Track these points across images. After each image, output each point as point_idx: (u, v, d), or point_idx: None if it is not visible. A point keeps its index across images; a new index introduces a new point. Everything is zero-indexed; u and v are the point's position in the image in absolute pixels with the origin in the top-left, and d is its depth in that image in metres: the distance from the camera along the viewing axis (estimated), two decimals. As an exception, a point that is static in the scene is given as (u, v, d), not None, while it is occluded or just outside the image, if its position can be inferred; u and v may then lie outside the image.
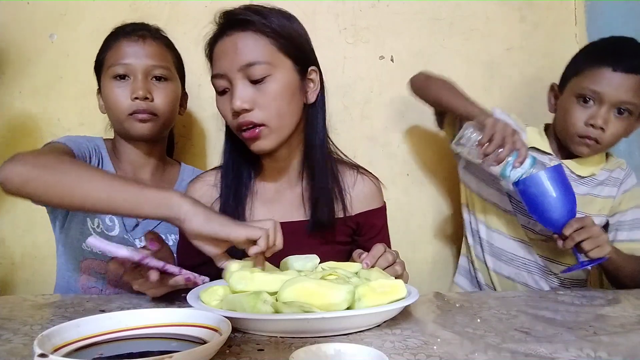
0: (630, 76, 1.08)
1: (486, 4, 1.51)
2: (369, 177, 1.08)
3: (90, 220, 1.08)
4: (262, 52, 0.91)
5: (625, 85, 1.08)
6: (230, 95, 0.93)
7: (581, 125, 1.12)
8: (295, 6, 1.43)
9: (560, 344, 0.63)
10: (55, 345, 0.55)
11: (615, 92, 1.09)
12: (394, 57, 1.51)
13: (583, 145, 1.14)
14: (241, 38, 0.92)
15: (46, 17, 1.47)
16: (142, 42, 1.08)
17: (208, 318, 0.61)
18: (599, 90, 1.09)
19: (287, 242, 0.99)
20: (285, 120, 0.95)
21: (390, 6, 1.50)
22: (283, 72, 0.93)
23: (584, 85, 1.12)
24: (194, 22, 1.47)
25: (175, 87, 1.12)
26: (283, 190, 1.05)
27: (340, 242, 1.04)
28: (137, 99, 1.05)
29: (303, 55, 0.98)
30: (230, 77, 0.92)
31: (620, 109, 1.10)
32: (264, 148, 0.95)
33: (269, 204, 1.04)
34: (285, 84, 0.93)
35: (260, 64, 0.90)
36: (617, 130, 1.11)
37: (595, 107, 1.11)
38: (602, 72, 1.10)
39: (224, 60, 0.92)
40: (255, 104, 0.91)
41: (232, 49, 0.92)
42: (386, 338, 0.65)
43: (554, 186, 1.03)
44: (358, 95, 1.50)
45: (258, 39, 0.92)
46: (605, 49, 1.14)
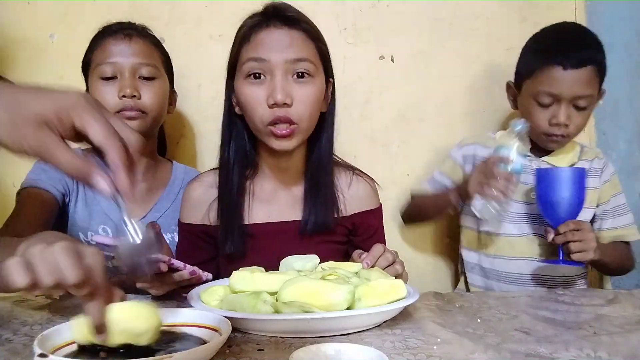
0: (581, 70, 1.11)
1: (486, 4, 1.51)
2: (364, 178, 1.09)
3: (83, 234, 1.08)
4: (310, 52, 0.95)
5: (578, 81, 1.11)
6: (267, 84, 0.92)
7: (545, 125, 1.16)
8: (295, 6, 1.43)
9: (560, 344, 0.63)
10: (55, 345, 0.55)
11: (570, 90, 1.11)
12: (394, 57, 1.51)
13: (551, 142, 1.19)
14: (293, 34, 0.94)
15: (46, 17, 1.47)
16: (128, 40, 1.07)
17: (208, 318, 0.62)
18: (555, 92, 1.12)
19: (283, 241, 1.01)
20: (311, 124, 0.97)
21: (390, 6, 1.50)
22: (320, 77, 0.97)
23: (539, 88, 1.14)
24: (194, 22, 1.47)
25: (163, 85, 1.12)
26: (280, 190, 1.05)
27: (335, 242, 1.05)
28: (124, 97, 1.04)
29: (329, 64, 1.01)
30: (274, 67, 0.92)
31: (578, 103, 1.13)
32: (288, 148, 0.95)
33: (266, 204, 1.04)
34: (320, 89, 0.96)
35: (308, 61, 0.93)
36: (580, 121, 1.16)
37: (555, 106, 1.14)
38: (554, 73, 1.12)
39: (270, 49, 0.92)
40: (294, 101, 0.92)
41: (282, 40, 0.93)
42: (386, 338, 0.65)
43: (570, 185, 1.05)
44: (358, 95, 1.50)
45: (307, 40, 0.95)
46: (552, 47, 1.15)
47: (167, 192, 1.18)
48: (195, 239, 1.05)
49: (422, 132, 1.51)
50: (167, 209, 1.16)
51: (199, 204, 1.04)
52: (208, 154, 1.47)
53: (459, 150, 1.31)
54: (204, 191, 1.05)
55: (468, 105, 1.51)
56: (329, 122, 1.03)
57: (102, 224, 1.10)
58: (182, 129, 1.48)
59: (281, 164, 1.04)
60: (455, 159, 1.31)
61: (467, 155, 1.29)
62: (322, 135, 1.02)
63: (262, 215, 1.03)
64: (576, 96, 1.12)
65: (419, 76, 1.51)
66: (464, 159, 1.30)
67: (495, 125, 1.50)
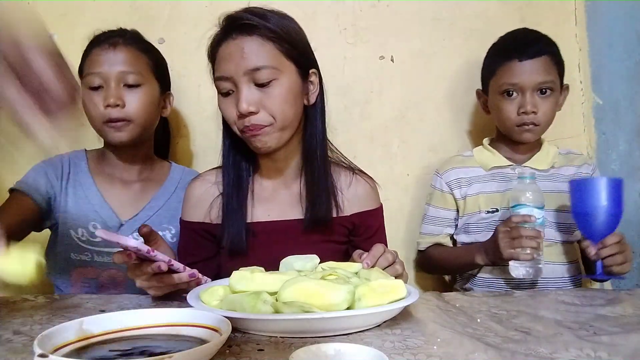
0: (536, 59, 1.20)
1: (486, 4, 1.51)
2: (364, 178, 1.09)
3: (74, 231, 1.10)
4: (268, 56, 0.94)
5: (536, 69, 1.19)
6: (234, 98, 0.95)
7: (514, 116, 1.22)
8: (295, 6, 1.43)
9: (560, 344, 0.63)
10: (55, 345, 0.55)
11: (530, 78, 1.19)
12: (394, 57, 1.51)
13: (524, 132, 1.23)
14: (247, 42, 0.94)
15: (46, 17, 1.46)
16: (113, 49, 1.09)
17: (208, 318, 0.61)
18: (516, 82, 1.20)
19: (283, 240, 1.01)
20: (289, 122, 0.97)
21: (390, 6, 1.50)
22: (287, 76, 0.95)
23: (502, 82, 1.23)
24: (194, 22, 1.47)
25: (150, 90, 1.13)
26: (280, 189, 1.06)
27: (335, 241, 1.05)
28: (109, 107, 1.06)
29: (305, 58, 1.00)
30: (236, 80, 0.94)
31: (541, 89, 1.20)
32: (267, 148, 0.97)
33: (266, 202, 1.05)
34: (289, 88, 0.95)
35: (267, 68, 0.93)
36: (547, 107, 1.21)
37: (520, 96, 1.21)
38: (512, 65, 1.21)
39: (230, 64, 0.94)
40: (261, 107, 0.94)
41: (238, 52, 0.93)
42: (386, 338, 0.65)
43: (608, 195, 1.03)
44: (358, 95, 1.50)
45: (264, 44, 0.94)
46: (508, 45, 1.25)
47: (162, 191, 1.19)
48: (196, 237, 1.06)
49: (422, 132, 1.51)
50: (159, 208, 1.17)
51: (200, 203, 1.05)
52: (208, 153, 1.47)
53: (440, 178, 1.34)
54: (205, 190, 1.06)
55: (468, 105, 1.51)
56: (317, 115, 1.02)
57: (92, 221, 1.11)
58: (182, 129, 1.48)
59: (278, 164, 1.05)
60: (441, 189, 1.33)
61: (451, 182, 1.31)
62: (311, 129, 1.02)
63: (263, 214, 1.04)
64: (537, 82, 1.19)
65: (419, 76, 1.51)
66: (449, 186, 1.32)
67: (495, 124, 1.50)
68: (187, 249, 1.06)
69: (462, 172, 1.31)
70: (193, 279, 0.82)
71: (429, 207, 1.36)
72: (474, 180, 1.29)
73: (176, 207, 1.14)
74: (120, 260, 0.78)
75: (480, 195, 1.28)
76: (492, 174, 1.29)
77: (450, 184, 1.31)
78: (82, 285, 1.10)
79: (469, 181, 1.29)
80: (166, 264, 0.78)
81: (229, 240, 0.99)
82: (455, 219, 1.33)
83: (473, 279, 1.28)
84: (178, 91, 1.47)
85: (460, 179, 1.30)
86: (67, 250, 1.10)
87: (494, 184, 1.28)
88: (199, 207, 1.05)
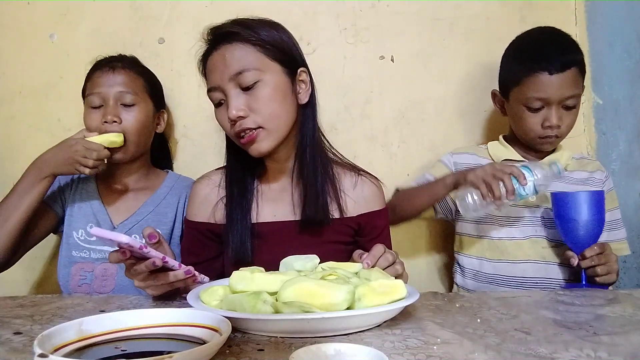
0: (565, 73, 1.15)
1: (486, 4, 1.51)
2: (369, 179, 1.09)
3: (75, 232, 1.21)
4: (249, 59, 0.95)
5: (564, 83, 1.16)
6: (226, 106, 0.97)
7: (538, 129, 1.20)
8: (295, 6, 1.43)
9: (560, 344, 0.63)
10: (55, 345, 0.55)
11: (558, 93, 1.16)
12: (394, 57, 1.51)
13: (546, 144, 1.23)
14: (229, 50, 0.96)
15: (46, 17, 1.47)
16: (112, 72, 1.21)
17: (208, 318, 0.61)
18: (544, 97, 1.17)
19: (289, 241, 1.01)
20: (280, 122, 0.97)
21: (390, 6, 1.50)
22: (272, 76, 0.96)
23: (528, 95, 1.18)
24: (194, 22, 1.47)
25: (144, 109, 1.23)
26: (286, 190, 1.06)
27: (338, 242, 1.05)
28: (106, 123, 1.17)
29: (290, 57, 1.00)
30: (224, 88, 0.96)
31: (567, 104, 1.18)
32: (262, 150, 0.97)
33: (272, 204, 1.05)
34: (275, 87, 0.96)
35: (249, 70, 0.94)
36: (570, 120, 1.20)
37: (545, 110, 1.18)
38: (541, 79, 1.16)
39: (216, 73, 0.97)
40: (250, 110, 0.95)
41: (221, 61, 0.96)
42: (386, 338, 0.65)
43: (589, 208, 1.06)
44: (358, 95, 1.50)
45: (244, 48, 0.96)
46: (535, 54, 1.19)
47: (152, 198, 1.26)
48: (200, 237, 1.06)
49: (422, 132, 1.51)
50: (149, 213, 1.24)
51: (205, 203, 1.06)
52: (208, 153, 1.47)
53: (452, 157, 1.34)
54: (210, 190, 1.07)
55: (468, 105, 1.51)
56: (308, 114, 1.03)
57: (90, 223, 1.22)
58: (182, 129, 1.48)
59: (279, 164, 1.05)
60: (447, 165, 1.33)
61: (460, 163, 1.31)
62: (302, 129, 1.02)
63: (269, 214, 1.04)
64: (564, 97, 1.16)
65: (419, 76, 1.51)
66: (455, 165, 1.32)
67: (495, 124, 1.50)
68: (191, 249, 1.07)
69: (473, 159, 1.31)
70: (189, 276, 0.82)
71: (426, 174, 1.33)
72: None
73: (165, 212, 1.24)
74: (116, 258, 0.79)
75: None
76: None
77: (458, 164, 1.31)
78: (80, 277, 1.19)
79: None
80: (160, 260, 0.78)
81: (233, 249, 1.00)
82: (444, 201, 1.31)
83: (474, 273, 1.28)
84: (178, 91, 1.47)
85: (470, 164, 1.28)
86: (70, 248, 1.21)
87: None
88: (203, 208, 1.06)
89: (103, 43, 1.44)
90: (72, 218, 1.22)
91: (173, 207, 1.24)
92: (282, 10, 1.36)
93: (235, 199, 1.02)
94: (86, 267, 1.19)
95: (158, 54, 1.47)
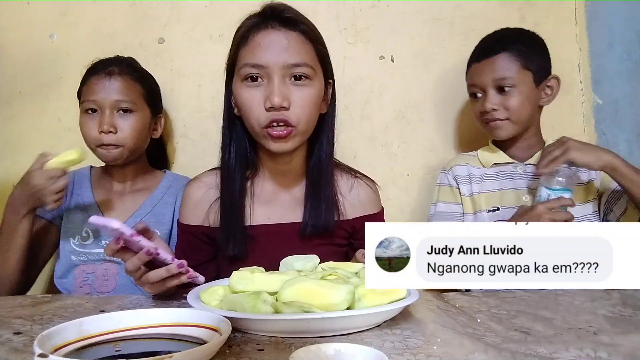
0: (492, 58, 1.22)
1: (486, 4, 1.51)
2: (365, 181, 1.09)
3: (72, 238, 1.21)
4: (308, 56, 0.94)
5: (493, 67, 1.21)
6: (264, 88, 0.93)
7: (478, 115, 1.26)
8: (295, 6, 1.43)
9: (560, 344, 0.63)
10: (55, 345, 0.55)
11: (487, 76, 1.22)
12: (394, 57, 1.51)
13: (494, 130, 1.24)
14: (291, 37, 0.93)
15: (46, 17, 1.47)
16: (108, 78, 1.18)
17: (208, 318, 0.61)
18: (476, 82, 1.24)
19: (282, 243, 1.00)
20: (310, 126, 0.97)
21: (390, 6, 1.50)
22: (319, 79, 0.96)
23: (468, 85, 1.29)
24: (194, 22, 1.47)
25: (141, 117, 1.22)
26: (281, 192, 1.05)
27: (335, 244, 1.05)
28: (102, 133, 1.16)
29: (329, 66, 1.01)
30: (271, 71, 0.92)
31: (499, 87, 1.21)
32: (286, 149, 0.95)
33: (266, 205, 1.04)
34: (318, 91, 0.96)
35: (306, 66, 0.93)
36: (515, 102, 1.20)
37: (482, 96, 1.24)
38: (472, 68, 1.27)
39: (268, 53, 0.92)
40: (292, 104, 0.92)
41: (279, 44, 0.92)
42: (386, 338, 0.65)
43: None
44: (358, 95, 1.50)
45: (305, 43, 0.94)
46: (473, 51, 1.29)
47: (150, 200, 1.26)
48: (194, 240, 1.05)
49: (422, 132, 1.51)
50: (146, 214, 1.23)
51: (199, 205, 1.04)
52: (208, 153, 1.47)
53: (447, 175, 1.33)
54: (204, 192, 1.05)
55: (468, 105, 1.51)
56: (328, 124, 1.03)
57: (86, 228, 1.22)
58: (182, 129, 1.48)
59: (280, 167, 1.04)
60: (449, 184, 1.32)
61: (457, 177, 1.31)
62: (321, 137, 1.02)
63: (263, 217, 1.03)
64: (495, 79, 1.21)
65: (419, 76, 1.51)
66: (456, 181, 1.31)
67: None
68: (185, 252, 1.04)
69: (466, 169, 1.31)
70: (182, 269, 0.80)
71: (437, 204, 1.32)
72: (477, 178, 1.29)
73: (162, 212, 1.24)
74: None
75: (481, 194, 1.28)
76: (495, 172, 1.28)
77: (457, 178, 1.31)
78: (83, 279, 1.20)
79: (471, 179, 1.29)
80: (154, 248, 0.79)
81: (228, 244, 0.99)
82: (462, 216, 1.31)
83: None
84: (178, 91, 1.47)
85: (464, 175, 1.30)
86: (68, 255, 1.21)
87: (496, 182, 1.27)
88: (197, 211, 1.04)
89: (103, 43, 1.44)
90: (68, 225, 1.22)
91: (171, 207, 1.24)
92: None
93: (230, 199, 1.01)
94: (88, 269, 1.19)
95: (158, 54, 1.47)
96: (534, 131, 1.27)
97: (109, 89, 1.17)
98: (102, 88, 1.17)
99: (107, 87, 1.17)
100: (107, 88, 1.17)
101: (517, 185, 1.24)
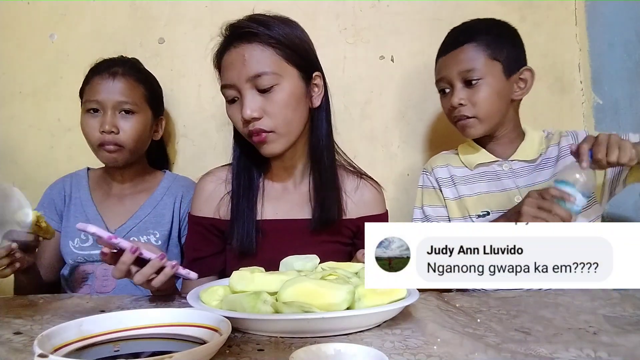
0: (457, 50, 1.15)
1: (486, 4, 1.51)
2: (371, 183, 1.10)
3: (71, 241, 1.22)
4: (269, 63, 0.95)
5: (457, 60, 1.15)
6: (239, 104, 0.97)
7: (447, 112, 1.20)
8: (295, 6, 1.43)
9: (560, 344, 0.63)
10: (55, 345, 0.55)
11: (453, 69, 1.15)
12: (394, 57, 1.51)
13: (464, 128, 1.17)
14: (248, 50, 0.95)
15: (46, 17, 1.47)
16: (112, 79, 1.18)
17: (208, 318, 0.62)
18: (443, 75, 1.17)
19: (290, 239, 1.02)
20: (293, 126, 0.99)
21: (391, 6, 1.50)
22: (289, 81, 0.97)
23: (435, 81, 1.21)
24: (194, 22, 1.47)
25: (143, 118, 1.22)
26: (289, 189, 1.08)
27: (341, 242, 1.06)
28: (104, 133, 1.16)
29: (307, 62, 1.01)
30: (239, 87, 0.96)
31: (466, 80, 1.14)
32: (273, 152, 0.99)
33: (275, 202, 1.07)
34: (291, 92, 0.97)
35: (268, 74, 0.94)
36: (482, 97, 1.13)
37: (450, 92, 1.17)
38: (439, 62, 1.20)
39: (233, 72, 0.96)
40: (264, 112, 0.95)
41: (239, 60, 0.95)
42: (386, 338, 0.65)
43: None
44: (358, 95, 1.50)
45: (264, 50, 0.95)
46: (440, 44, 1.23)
47: (149, 201, 1.26)
48: (205, 232, 1.07)
49: (422, 132, 1.51)
50: (146, 215, 1.24)
51: (210, 198, 1.07)
52: (208, 153, 1.47)
53: (430, 176, 1.25)
54: (216, 186, 1.08)
55: (468, 105, 1.51)
56: (322, 117, 1.04)
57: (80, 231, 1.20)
58: (182, 129, 1.48)
59: (285, 164, 1.06)
60: (433, 186, 1.24)
61: (443, 179, 1.23)
62: (319, 130, 1.04)
63: (271, 213, 1.06)
64: (460, 72, 1.14)
65: (419, 76, 1.51)
66: (439, 182, 1.23)
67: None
68: (194, 244, 1.08)
69: (447, 171, 1.23)
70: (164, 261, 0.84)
71: (424, 208, 1.24)
72: (460, 180, 1.21)
73: (162, 213, 1.24)
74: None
75: (468, 197, 1.19)
76: (480, 173, 1.20)
77: (439, 181, 1.23)
78: (83, 279, 1.21)
79: (454, 181, 1.21)
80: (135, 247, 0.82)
81: (239, 241, 1.01)
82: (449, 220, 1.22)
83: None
84: (178, 91, 1.47)
85: (446, 178, 1.22)
86: (67, 258, 1.22)
87: (483, 184, 1.19)
88: (209, 203, 1.07)
89: (103, 43, 1.44)
90: (67, 229, 1.23)
91: (170, 208, 1.24)
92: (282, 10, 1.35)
93: (241, 193, 1.04)
94: (87, 269, 1.20)
95: (158, 54, 1.47)
96: (511, 126, 1.20)
97: (112, 90, 1.17)
98: (105, 88, 1.17)
99: (110, 88, 1.17)
100: (110, 88, 1.17)
101: (506, 186, 1.16)
